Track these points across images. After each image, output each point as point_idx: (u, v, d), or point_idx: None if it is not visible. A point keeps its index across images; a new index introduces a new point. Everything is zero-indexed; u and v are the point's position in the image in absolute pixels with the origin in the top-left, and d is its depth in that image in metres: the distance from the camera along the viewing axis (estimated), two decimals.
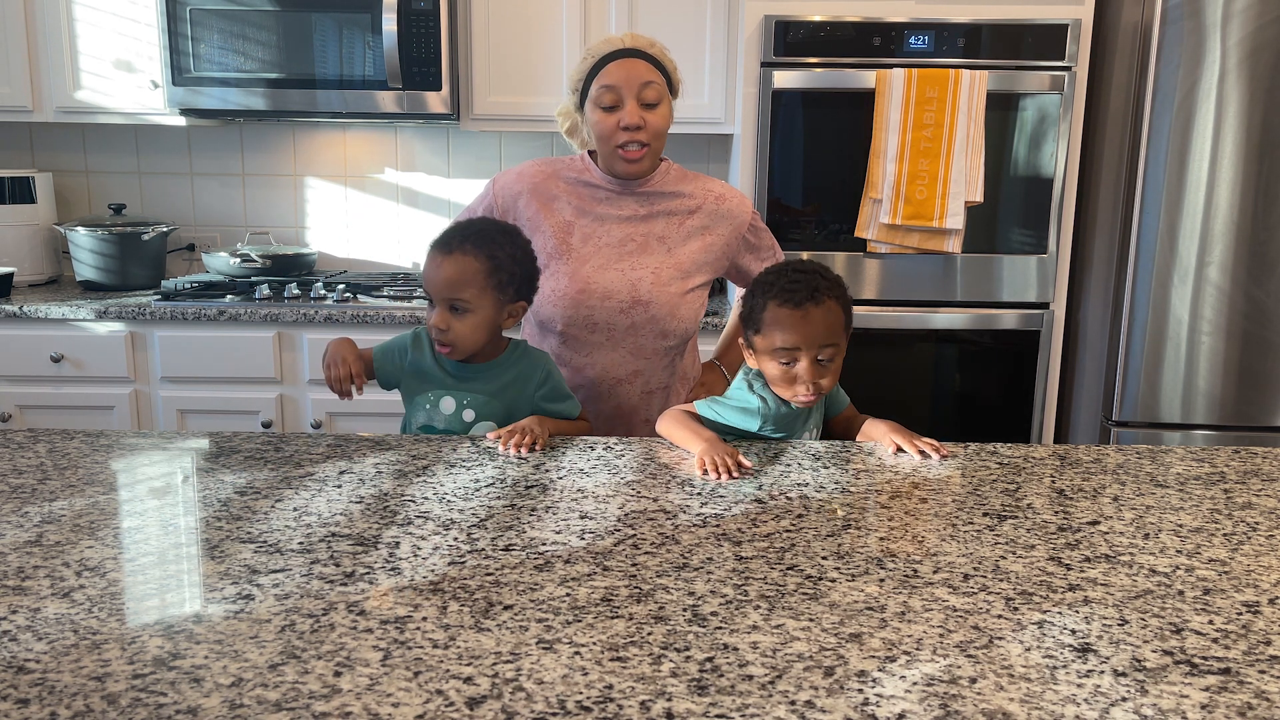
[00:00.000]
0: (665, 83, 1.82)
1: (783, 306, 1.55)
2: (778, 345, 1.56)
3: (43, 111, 3.04)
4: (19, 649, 0.91)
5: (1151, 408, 2.71)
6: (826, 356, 1.56)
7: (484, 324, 1.65)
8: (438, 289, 1.63)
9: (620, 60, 1.79)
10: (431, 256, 1.65)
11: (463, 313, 1.63)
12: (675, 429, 1.59)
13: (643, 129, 1.79)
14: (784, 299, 1.56)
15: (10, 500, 1.30)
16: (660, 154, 1.88)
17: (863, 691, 0.85)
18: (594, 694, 0.84)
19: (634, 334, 1.86)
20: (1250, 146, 2.55)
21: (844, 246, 2.75)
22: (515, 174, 1.91)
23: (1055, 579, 1.10)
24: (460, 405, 1.68)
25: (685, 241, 1.88)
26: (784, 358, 1.56)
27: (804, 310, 1.54)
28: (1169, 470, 1.51)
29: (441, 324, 1.63)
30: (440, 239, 1.67)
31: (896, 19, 2.66)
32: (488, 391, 1.69)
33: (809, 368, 1.55)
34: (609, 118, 1.79)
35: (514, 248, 1.68)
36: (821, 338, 1.55)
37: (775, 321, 1.56)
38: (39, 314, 2.82)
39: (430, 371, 1.70)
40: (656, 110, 1.81)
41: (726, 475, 1.42)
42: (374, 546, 1.16)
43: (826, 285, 1.57)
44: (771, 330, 1.56)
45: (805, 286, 1.56)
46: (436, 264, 1.64)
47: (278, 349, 2.85)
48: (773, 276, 1.61)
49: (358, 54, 2.91)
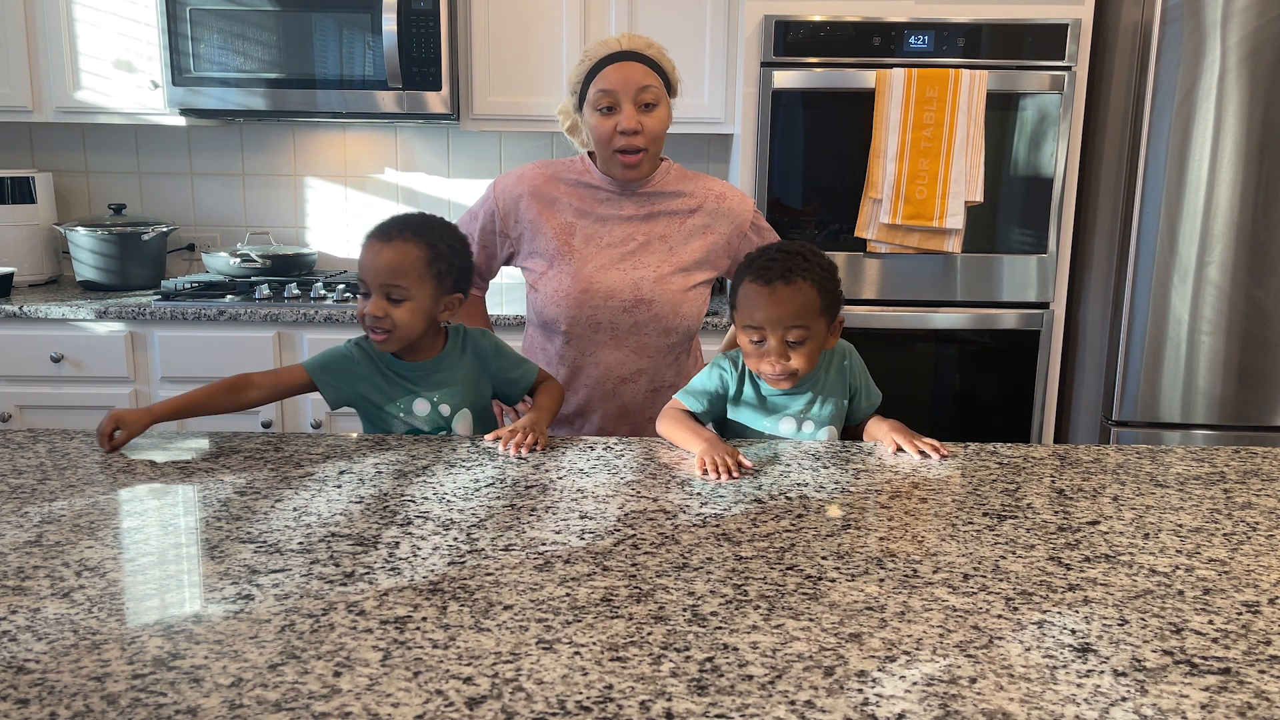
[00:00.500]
0: (663, 84, 1.81)
1: (754, 283, 1.57)
2: (746, 322, 1.57)
3: (43, 111, 3.04)
4: (19, 649, 0.91)
5: (1151, 408, 2.71)
6: (795, 338, 1.55)
7: (421, 313, 1.61)
8: (376, 276, 1.59)
9: (617, 64, 1.79)
10: (369, 245, 1.62)
11: (400, 301, 1.59)
12: (674, 429, 1.60)
13: (640, 133, 1.79)
14: (756, 275, 1.57)
15: (10, 500, 1.30)
16: (659, 156, 1.87)
17: (863, 691, 0.85)
18: (594, 694, 0.84)
19: (637, 332, 1.86)
20: (1250, 146, 2.55)
21: (844, 246, 2.75)
22: (516, 177, 1.91)
23: (1055, 579, 1.10)
24: (433, 404, 1.66)
25: (687, 241, 1.88)
26: (754, 335, 1.57)
27: (772, 288, 1.55)
28: (1169, 470, 1.51)
29: (378, 311, 1.59)
30: (378, 228, 1.63)
31: (896, 19, 2.66)
32: (451, 382, 1.68)
33: (776, 346, 1.55)
34: (606, 121, 1.79)
35: (453, 239, 1.67)
36: (789, 318, 1.54)
37: (746, 297, 1.57)
38: (39, 314, 2.82)
39: (390, 381, 1.66)
40: (654, 113, 1.80)
41: (726, 475, 1.42)
42: (374, 546, 1.16)
43: (805, 266, 1.57)
44: (743, 306, 1.58)
45: (780, 265, 1.56)
46: (375, 251, 1.60)
47: (278, 349, 2.85)
48: (756, 254, 1.62)
49: (358, 54, 2.91)
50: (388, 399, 1.66)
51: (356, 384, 1.66)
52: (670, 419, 1.63)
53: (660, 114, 1.81)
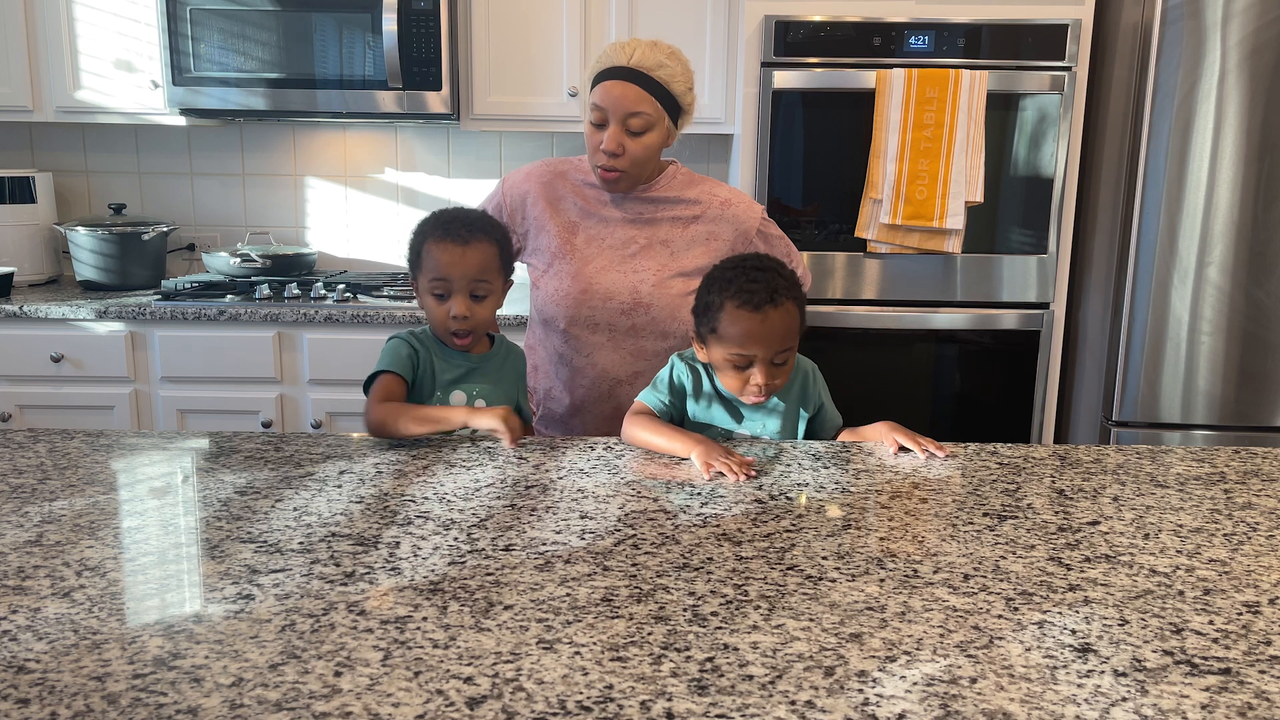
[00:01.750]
0: (662, 108, 1.77)
1: (741, 309, 1.52)
2: (734, 346, 1.52)
3: (43, 111, 3.04)
4: (19, 649, 0.91)
5: (1151, 408, 2.71)
6: (782, 360, 1.54)
7: (497, 306, 1.68)
8: (464, 275, 1.61)
9: (615, 81, 1.75)
10: (445, 247, 1.62)
11: (483, 299, 1.64)
12: (649, 435, 1.55)
13: (620, 156, 1.77)
14: (742, 300, 1.52)
15: (10, 500, 1.30)
16: (641, 179, 1.84)
17: (863, 691, 0.85)
18: (594, 694, 0.84)
19: (635, 335, 1.86)
20: (1250, 146, 2.55)
21: (844, 246, 2.75)
22: (524, 174, 1.92)
23: (1055, 579, 1.10)
24: (471, 397, 1.68)
25: (689, 247, 1.87)
26: (739, 360, 1.53)
27: (764, 314, 1.51)
28: (1169, 470, 1.51)
29: (465, 311, 1.62)
30: (446, 229, 1.64)
31: (896, 19, 2.66)
32: (490, 381, 1.70)
33: (763, 370, 1.53)
34: (595, 135, 1.79)
35: (501, 228, 1.72)
36: (778, 342, 1.53)
37: (733, 323, 1.52)
38: (39, 314, 2.82)
39: (437, 370, 1.69)
40: (640, 139, 1.77)
41: (744, 475, 1.40)
42: (374, 546, 1.16)
43: (784, 285, 1.54)
44: (729, 331, 1.53)
45: (765, 287, 1.52)
46: (457, 253, 1.61)
47: (278, 349, 2.85)
48: (731, 273, 1.56)
49: (358, 54, 2.91)
50: (431, 387, 1.68)
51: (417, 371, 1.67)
52: (641, 424, 1.57)
53: (648, 140, 1.78)
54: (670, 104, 1.79)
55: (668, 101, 1.78)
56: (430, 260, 1.63)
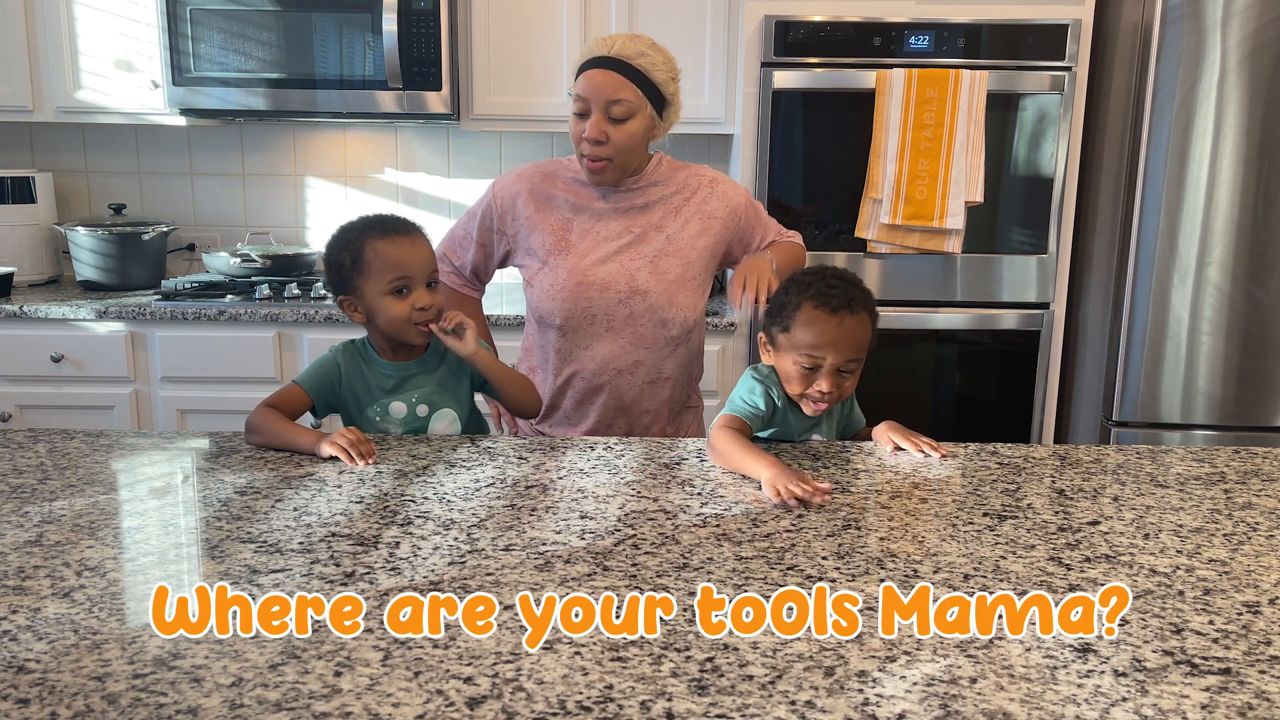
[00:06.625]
0: (644, 96, 1.78)
1: (819, 309, 1.53)
2: (806, 347, 1.53)
3: (43, 111, 3.04)
4: (19, 649, 0.91)
5: (1151, 408, 2.71)
6: (850, 369, 1.55)
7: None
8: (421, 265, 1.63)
9: (595, 70, 1.76)
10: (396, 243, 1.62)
11: (434, 286, 1.64)
12: (733, 453, 1.48)
13: (604, 144, 1.77)
14: (820, 301, 1.53)
15: (10, 500, 1.30)
16: (628, 169, 1.84)
17: (863, 691, 0.85)
18: (594, 694, 0.84)
19: (633, 324, 1.86)
20: (1250, 146, 2.55)
21: (844, 246, 2.75)
22: (514, 176, 1.93)
23: (1055, 579, 1.10)
24: (410, 405, 1.66)
25: (684, 227, 1.88)
26: (808, 362, 1.53)
27: (839, 317, 1.52)
28: (1169, 470, 1.51)
29: (430, 301, 1.63)
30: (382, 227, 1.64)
31: (896, 19, 2.66)
32: (429, 384, 1.68)
33: (830, 376, 1.53)
34: (579, 125, 1.79)
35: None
36: (850, 350, 1.53)
37: (808, 322, 1.53)
38: (39, 314, 2.82)
39: (367, 383, 1.67)
40: (623, 126, 1.77)
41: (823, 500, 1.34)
42: (374, 546, 1.16)
43: (862, 297, 1.56)
44: (803, 330, 1.53)
45: (843, 294, 1.54)
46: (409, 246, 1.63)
47: (278, 349, 2.85)
48: (810, 278, 1.58)
49: (358, 54, 2.91)
50: (364, 401, 1.67)
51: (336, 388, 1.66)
52: (721, 440, 1.50)
53: (631, 127, 1.78)
54: (652, 93, 1.80)
55: (649, 89, 1.79)
56: (381, 261, 1.61)
